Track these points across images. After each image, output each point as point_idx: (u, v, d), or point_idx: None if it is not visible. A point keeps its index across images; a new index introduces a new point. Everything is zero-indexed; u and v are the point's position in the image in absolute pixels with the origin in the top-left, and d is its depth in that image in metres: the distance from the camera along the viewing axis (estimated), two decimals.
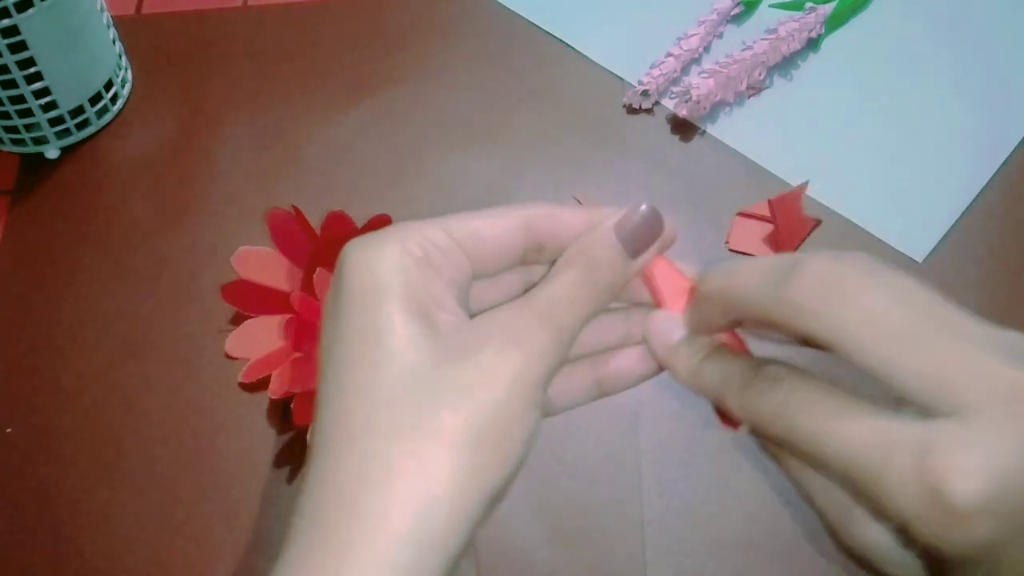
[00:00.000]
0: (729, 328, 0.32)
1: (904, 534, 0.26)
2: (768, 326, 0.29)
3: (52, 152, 0.64)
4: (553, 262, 0.31)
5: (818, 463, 0.28)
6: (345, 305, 0.28)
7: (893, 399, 0.27)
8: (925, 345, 0.26)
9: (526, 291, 0.32)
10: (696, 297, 0.31)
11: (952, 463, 0.24)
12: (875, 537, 0.29)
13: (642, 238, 0.31)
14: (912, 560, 0.29)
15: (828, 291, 0.27)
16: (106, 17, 0.64)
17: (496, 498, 0.27)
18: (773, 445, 0.31)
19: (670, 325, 0.32)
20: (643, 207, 0.31)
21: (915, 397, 0.26)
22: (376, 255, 0.28)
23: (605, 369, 0.33)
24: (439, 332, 0.27)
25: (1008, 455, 0.24)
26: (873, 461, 0.26)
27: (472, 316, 0.30)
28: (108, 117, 0.66)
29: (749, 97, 0.65)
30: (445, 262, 0.29)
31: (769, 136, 0.63)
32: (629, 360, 0.33)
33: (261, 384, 0.54)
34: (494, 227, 0.30)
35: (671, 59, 0.65)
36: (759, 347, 0.33)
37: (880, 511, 0.26)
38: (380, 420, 0.26)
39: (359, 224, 0.55)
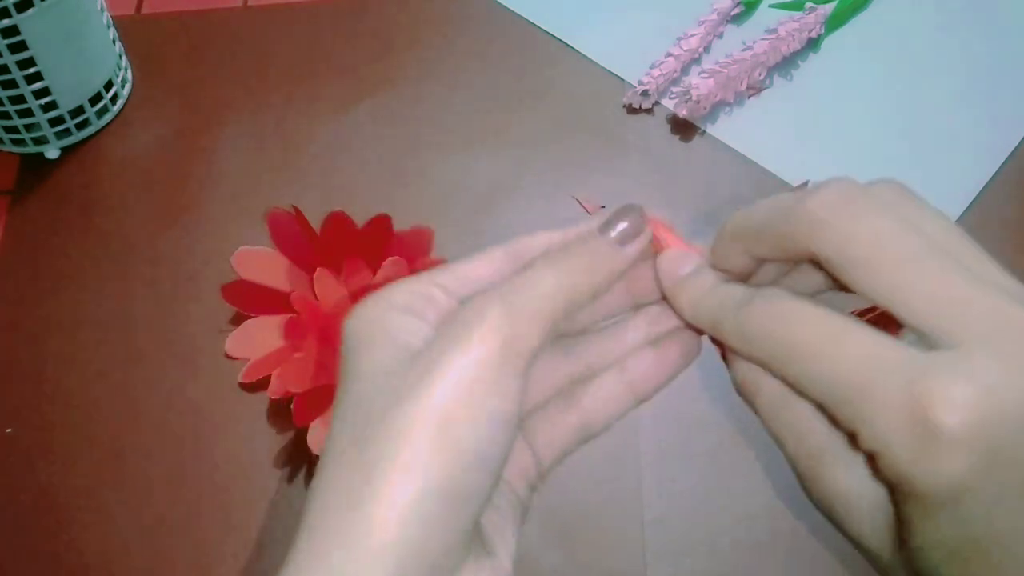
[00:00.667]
0: (749, 271, 0.31)
1: (875, 466, 0.27)
2: (785, 257, 0.29)
3: (52, 152, 0.64)
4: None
5: (805, 382, 0.27)
6: (341, 364, 0.30)
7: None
8: (933, 275, 0.26)
9: None
10: (716, 237, 0.31)
11: (943, 391, 0.24)
12: (845, 484, 0.30)
13: (626, 223, 0.31)
14: (878, 512, 0.29)
15: (843, 206, 0.27)
16: (106, 17, 0.64)
17: (462, 486, 0.27)
18: (752, 383, 0.31)
19: (680, 259, 0.32)
20: (628, 208, 0.31)
21: (917, 326, 0.26)
22: (362, 316, 0.30)
23: (581, 406, 0.33)
24: (415, 348, 0.29)
25: (1001, 393, 0.24)
26: (863, 380, 0.26)
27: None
28: (108, 117, 0.66)
29: (749, 97, 0.65)
30: (429, 308, 0.30)
31: (769, 136, 0.63)
32: (605, 387, 0.33)
33: (261, 384, 0.54)
34: (477, 265, 0.31)
35: (671, 59, 0.65)
36: None
37: (858, 437, 0.26)
38: (358, 428, 0.28)
39: (359, 224, 0.55)
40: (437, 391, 0.27)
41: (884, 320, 0.32)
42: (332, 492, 0.27)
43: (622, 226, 0.31)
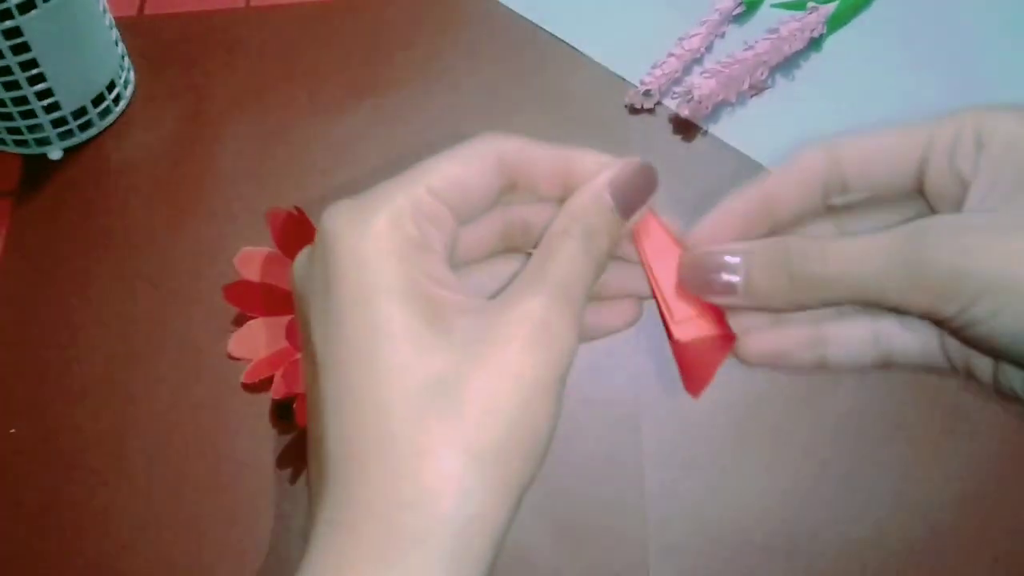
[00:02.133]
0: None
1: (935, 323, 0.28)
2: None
3: (55, 153, 0.64)
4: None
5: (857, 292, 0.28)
6: (339, 301, 0.26)
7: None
8: None
9: (505, 239, 0.31)
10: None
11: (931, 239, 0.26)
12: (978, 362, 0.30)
13: (636, 197, 0.30)
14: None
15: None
16: (108, 18, 0.64)
17: (524, 497, 0.26)
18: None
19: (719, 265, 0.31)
20: (637, 162, 0.30)
21: None
22: (371, 242, 0.26)
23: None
24: (455, 330, 0.26)
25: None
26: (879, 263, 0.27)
27: (452, 268, 0.29)
28: (111, 118, 0.66)
29: (751, 97, 0.65)
30: (436, 233, 0.27)
31: (771, 136, 0.63)
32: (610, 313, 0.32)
33: (263, 385, 0.54)
34: (474, 174, 0.29)
35: (673, 59, 0.65)
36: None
37: (899, 308, 0.27)
38: (404, 436, 0.25)
39: None
40: (504, 397, 0.25)
41: None
42: (364, 511, 0.25)
43: (629, 194, 0.29)
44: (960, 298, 0.26)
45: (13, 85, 0.60)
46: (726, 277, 0.30)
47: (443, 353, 0.26)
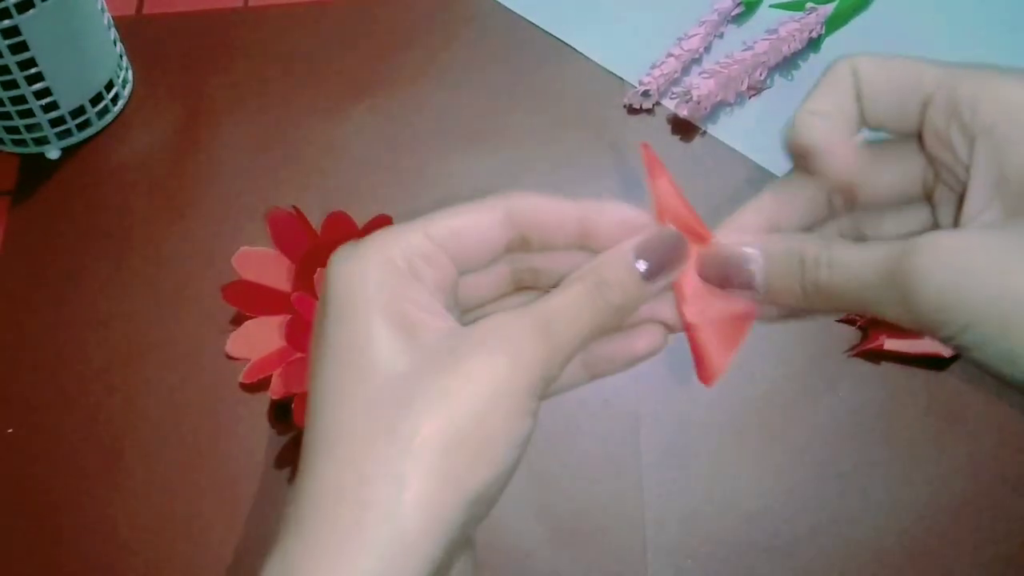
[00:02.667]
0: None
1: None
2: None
3: (53, 152, 0.64)
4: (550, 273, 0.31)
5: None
6: (331, 318, 0.28)
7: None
8: None
9: (515, 283, 0.32)
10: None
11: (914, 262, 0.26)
12: None
13: (663, 263, 0.30)
14: None
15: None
16: (107, 18, 0.64)
17: (480, 502, 0.27)
18: None
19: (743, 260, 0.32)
20: (669, 230, 0.30)
21: None
22: (359, 268, 0.28)
23: (596, 351, 0.32)
24: (424, 342, 0.27)
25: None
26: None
27: (463, 311, 0.30)
28: (109, 117, 0.66)
29: (750, 97, 0.65)
30: (428, 269, 0.29)
31: (770, 136, 0.63)
32: (631, 342, 0.32)
33: (262, 384, 0.54)
34: (476, 225, 0.30)
35: (672, 59, 0.65)
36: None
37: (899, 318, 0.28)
38: (357, 428, 0.26)
39: (359, 224, 0.55)
40: (465, 400, 0.26)
41: (884, 320, 0.32)
42: (340, 490, 0.26)
43: (656, 259, 0.30)
44: (948, 327, 0.26)
45: (11, 84, 0.60)
46: (747, 273, 0.31)
47: (409, 358, 0.27)
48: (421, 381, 0.27)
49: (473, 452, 0.26)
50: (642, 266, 0.29)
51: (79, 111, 0.64)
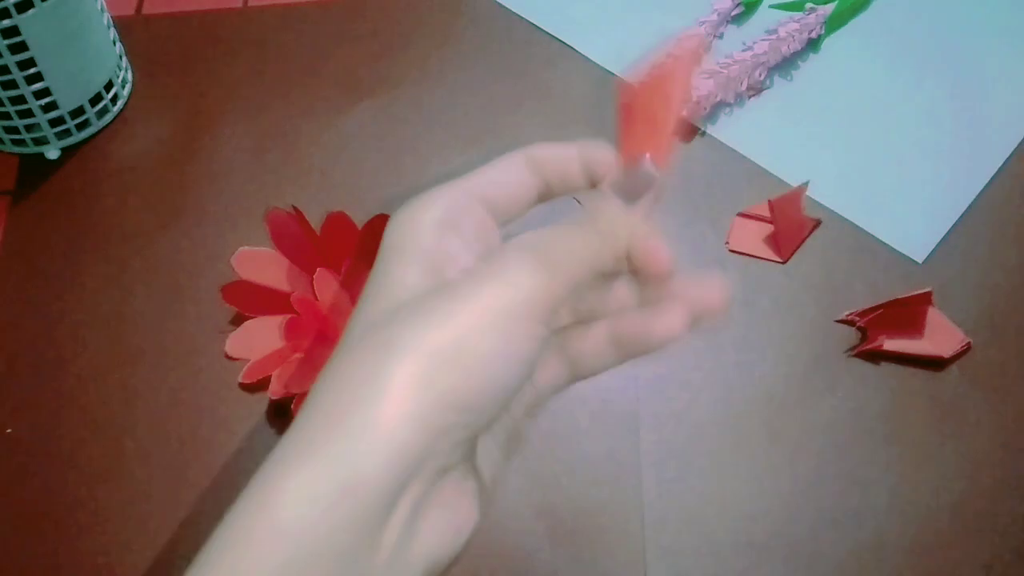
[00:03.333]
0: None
1: None
2: None
3: (52, 152, 0.64)
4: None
5: None
6: (379, 262, 0.32)
7: None
8: None
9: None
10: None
11: None
12: None
13: (635, 194, 0.34)
14: None
15: None
16: (107, 18, 0.64)
17: (468, 410, 0.29)
18: None
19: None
20: (639, 167, 0.34)
21: None
22: (408, 217, 0.32)
23: (571, 351, 0.35)
24: (443, 277, 0.31)
25: None
26: None
27: None
28: (108, 118, 0.66)
29: (749, 98, 0.65)
30: (465, 219, 0.32)
31: (769, 137, 0.63)
32: (591, 338, 0.35)
33: (261, 385, 0.54)
34: (505, 175, 0.34)
35: None
36: None
37: None
38: (357, 342, 0.30)
39: (359, 224, 0.55)
40: (463, 317, 0.29)
41: (884, 320, 0.32)
42: (338, 387, 0.29)
43: (631, 182, 0.34)
44: None
45: (10, 84, 0.60)
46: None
47: (425, 286, 0.31)
48: (425, 303, 0.29)
49: (463, 362, 0.28)
50: (618, 199, 0.34)
51: (78, 111, 0.64)
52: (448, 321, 0.29)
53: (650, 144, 0.35)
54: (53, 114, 0.62)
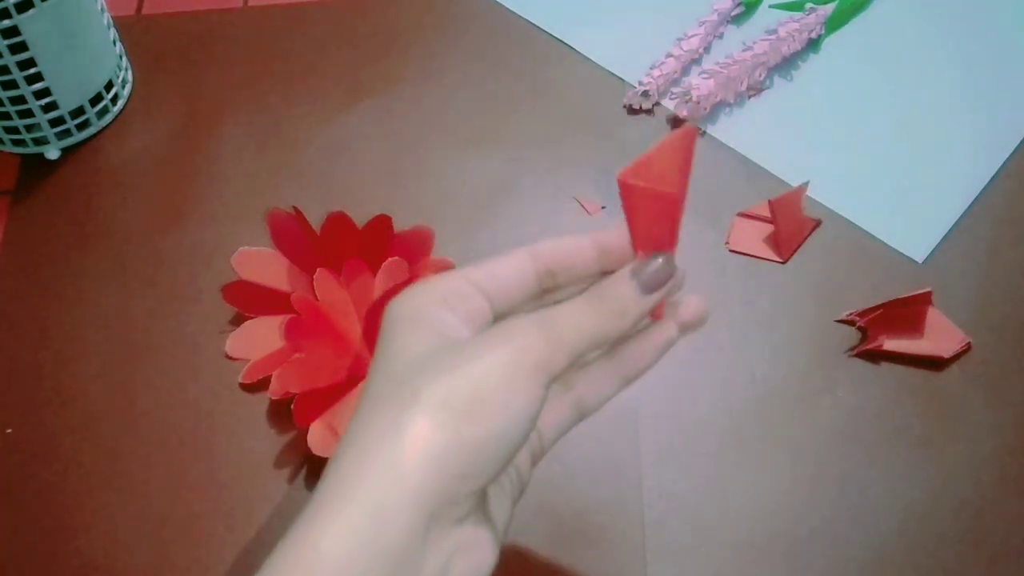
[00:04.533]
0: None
1: None
2: None
3: (52, 152, 0.64)
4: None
5: None
6: (385, 330, 0.35)
7: None
8: None
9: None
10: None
11: None
12: None
13: (656, 284, 0.35)
14: None
15: None
16: (107, 18, 0.64)
17: (481, 455, 0.32)
18: None
19: None
20: (659, 259, 0.36)
21: None
22: (411, 297, 0.35)
23: (576, 389, 0.39)
24: (450, 340, 0.34)
25: None
26: None
27: (496, 319, 0.36)
28: (108, 118, 0.66)
29: (749, 98, 0.65)
30: (461, 304, 0.35)
31: (769, 137, 0.63)
32: (594, 372, 0.39)
33: (261, 385, 0.54)
34: (505, 263, 0.36)
35: (671, 60, 0.65)
36: None
37: None
38: (375, 393, 0.33)
39: (359, 224, 0.55)
40: (473, 371, 0.32)
41: (884, 320, 0.32)
42: (364, 433, 0.32)
43: (651, 274, 0.35)
44: None
45: (11, 84, 0.60)
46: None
47: (436, 345, 0.34)
48: (440, 359, 0.33)
49: (467, 410, 0.31)
50: (638, 285, 0.35)
51: (79, 111, 0.64)
52: (460, 374, 0.32)
53: (662, 238, 0.35)
54: (53, 114, 0.62)
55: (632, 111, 0.65)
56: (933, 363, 0.54)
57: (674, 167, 0.34)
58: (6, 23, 0.57)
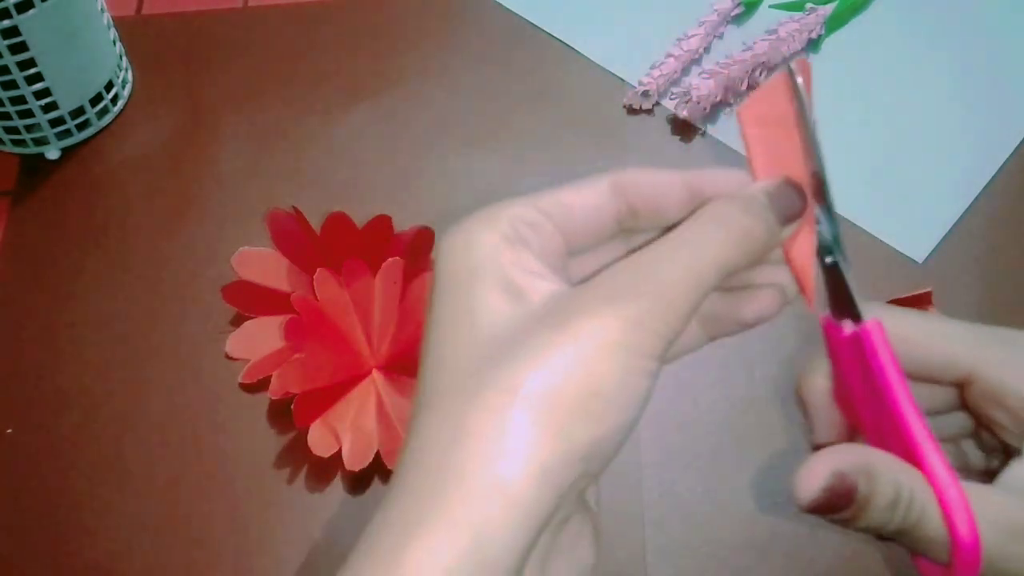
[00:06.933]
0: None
1: None
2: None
3: (53, 153, 0.64)
4: (659, 230, 0.30)
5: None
6: (440, 290, 0.28)
7: None
8: None
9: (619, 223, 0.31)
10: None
11: None
12: None
13: (792, 206, 0.30)
14: None
15: None
16: (107, 18, 0.64)
17: (591, 459, 0.26)
18: None
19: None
20: (792, 183, 0.30)
21: None
22: (466, 239, 0.28)
23: (715, 309, 0.31)
24: (531, 304, 0.27)
25: None
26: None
27: (570, 255, 0.30)
28: (109, 118, 0.66)
29: None
30: (534, 235, 0.28)
31: None
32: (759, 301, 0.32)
33: (262, 385, 0.54)
34: (582, 195, 0.30)
35: (671, 60, 0.65)
36: None
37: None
38: (459, 385, 0.26)
39: (359, 224, 0.55)
40: (577, 354, 0.25)
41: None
42: (447, 440, 0.26)
43: (789, 204, 0.30)
44: None
45: (11, 85, 0.60)
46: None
47: (515, 319, 0.27)
48: (527, 339, 0.26)
49: (580, 407, 0.25)
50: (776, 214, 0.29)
51: (79, 111, 0.64)
52: (561, 358, 0.25)
53: (789, 164, 0.30)
54: (53, 114, 0.62)
55: (632, 111, 0.65)
56: None
57: (796, 89, 0.29)
58: (6, 23, 0.57)
